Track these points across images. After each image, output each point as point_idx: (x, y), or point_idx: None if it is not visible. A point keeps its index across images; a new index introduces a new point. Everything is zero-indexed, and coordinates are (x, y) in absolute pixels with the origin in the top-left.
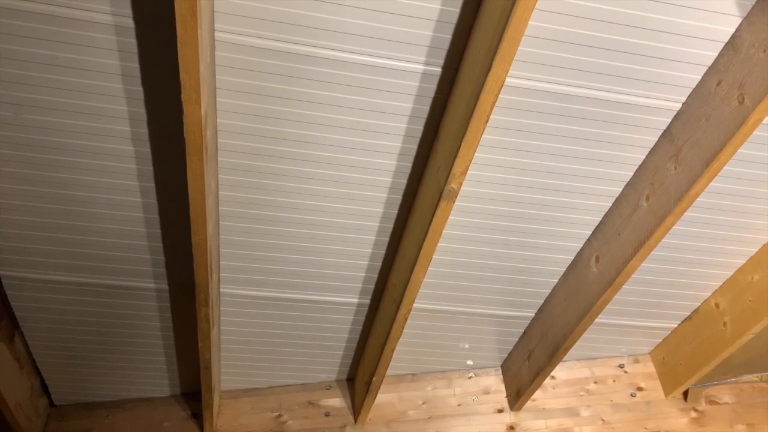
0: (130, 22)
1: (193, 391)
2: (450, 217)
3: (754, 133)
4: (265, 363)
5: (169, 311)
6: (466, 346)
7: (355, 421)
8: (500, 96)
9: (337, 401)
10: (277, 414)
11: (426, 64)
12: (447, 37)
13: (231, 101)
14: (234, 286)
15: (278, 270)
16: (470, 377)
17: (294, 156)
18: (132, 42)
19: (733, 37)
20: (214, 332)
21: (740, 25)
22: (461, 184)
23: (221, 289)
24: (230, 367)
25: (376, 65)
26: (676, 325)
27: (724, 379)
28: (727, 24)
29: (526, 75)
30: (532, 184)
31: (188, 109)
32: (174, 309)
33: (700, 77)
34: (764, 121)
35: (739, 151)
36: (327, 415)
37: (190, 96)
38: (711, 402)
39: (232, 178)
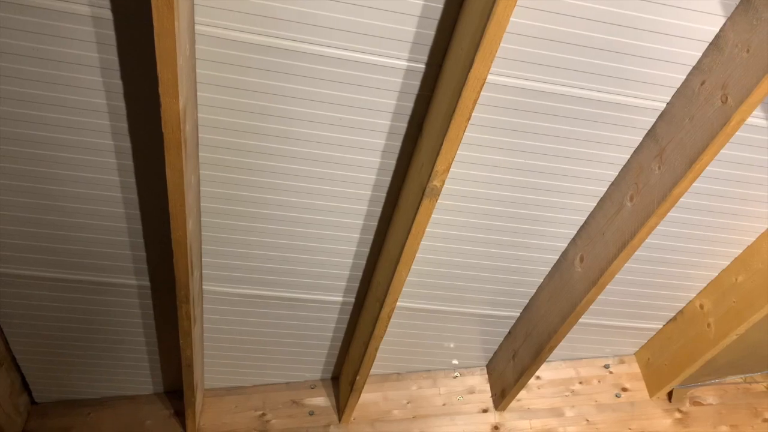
0: (108, 14)
1: (176, 389)
2: (435, 216)
3: (738, 133)
4: (249, 361)
5: (151, 308)
6: (452, 345)
7: (339, 420)
8: (486, 94)
9: (321, 400)
10: (260, 413)
11: (409, 60)
12: (430, 33)
13: (212, 95)
14: (217, 284)
15: (262, 267)
16: (455, 377)
17: (276, 152)
18: (110, 34)
19: (717, 36)
20: (196, 330)
21: (724, 24)
22: (444, 182)
23: (204, 287)
24: (214, 365)
25: (359, 61)
26: (661, 326)
27: (709, 380)
28: (711, 24)
29: (511, 73)
30: (517, 183)
31: (166, 102)
32: (156, 306)
33: (684, 77)
34: (747, 122)
35: (722, 151)
36: (311, 414)
37: (168, 89)
38: (695, 403)
39: (214, 173)
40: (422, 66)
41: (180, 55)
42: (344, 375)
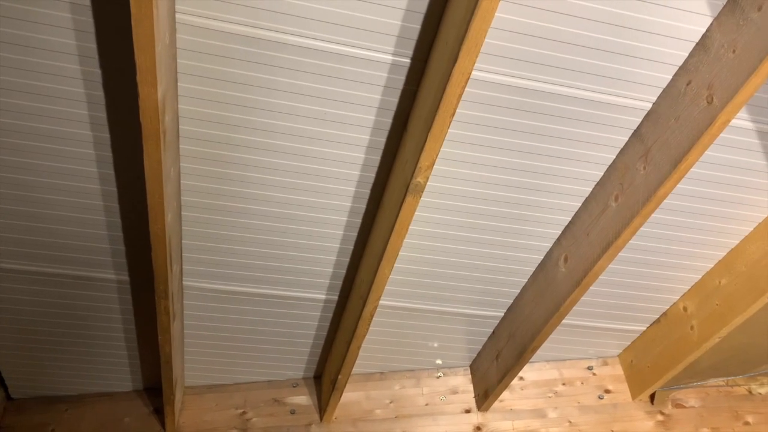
0: (86, 0)
1: (156, 386)
2: (419, 213)
3: (724, 135)
4: (230, 359)
5: (130, 303)
6: (436, 345)
7: (321, 419)
8: (472, 90)
9: (303, 399)
10: (241, 411)
11: (395, 54)
12: (416, 27)
13: (194, 86)
14: (198, 279)
15: (243, 263)
16: (439, 377)
17: (259, 146)
18: (89, 21)
19: (704, 37)
20: (175, 326)
21: (711, 25)
22: (428, 178)
23: (184, 282)
24: (194, 363)
25: (344, 54)
26: (644, 328)
27: (691, 383)
28: (698, 24)
29: (497, 69)
30: (503, 182)
31: (144, 91)
32: (136, 301)
33: (670, 77)
34: (732, 123)
35: (707, 153)
36: (292, 412)
37: (146, 77)
38: (677, 405)
39: (195, 166)
40: (407, 60)
41: (159, 42)
42: (327, 374)
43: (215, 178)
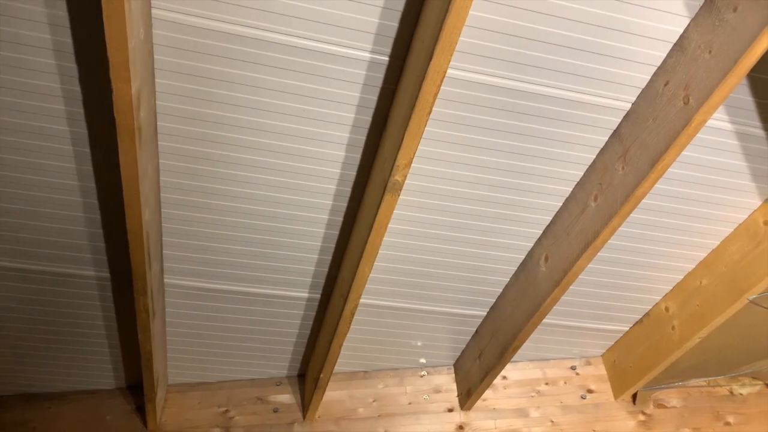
0: None
1: (138, 384)
2: (401, 212)
3: (702, 136)
4: (213, 357)
5: (111, 301)
6: (419, 343)
7: (304, 417)
8: (452, 90)
9: (286, 397)
10: (224, 409)
11: (373, 52)
12: (394, 25)
13: (171, 83)
14: (179, 277)
15: (225, 261)
16: (422, 375)
17: (239, 143)
18: (63, 15)
19: (681, 37)
20: (155, 323)
21: (688, 25)
22: (406, 176)
23: (165, 280)
24: (177, 361)
25: (322, 51)
26: (627, 328)
27: (673, 383)
28: (676, 24)
29: (476, 68)
30: (483, 181)
31: (118, 87)
32: (117, 298)
33: (649, 77)
34: (711, 125)
35: (686, 154)
36: (275, 411)
37: (120, 73)
38: (659, 405)
39: (174, 163)
40: (386, 58)
41: (132, 38)
42: (310, 372)
43: (195, 175)
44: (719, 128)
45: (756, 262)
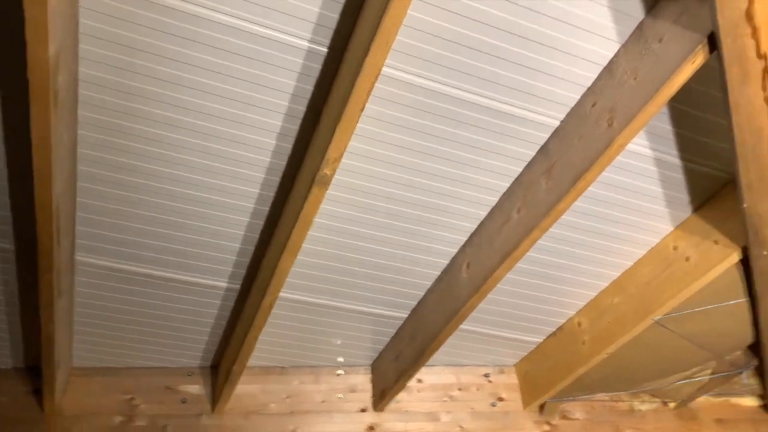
0: None
1: (39, 365)
2: (329, 208)
3: (624, 159)
4: (123, 342)
5: (14, 274)
6: (339, 342)
7: (213, 410)
8: (388, 89)
9: (196, 388)
10: (129, 397)
11: (311, 42)
12: (335, 16)
13: (96, 50)
14: (91, 255)
15: (142, 243)
16: (339, 374)
17: (164, 120)
18: None
19: (611, 61)
20: (61, 302)
21: (618, 51)
22: (335, 170)
23: (77, 257)
24: (84, 343)
25: (259, 34)
26: (541, 340)
27: (578, 396)
28: (608, 48)
29: (415, 71)
30: (413, 184)
31: (33, 46)
32: (20, 273)
33: (579, 97)
34: (633, 149)
35: (609, 176)
36: (184, 401)
37: (36, 32)
38: (564, 417)
39: (94, 135)
40: (324, 49)
41: None
42: (223, 364)
43: (115, 149)
44: (640, 153)
45: (664, 285)
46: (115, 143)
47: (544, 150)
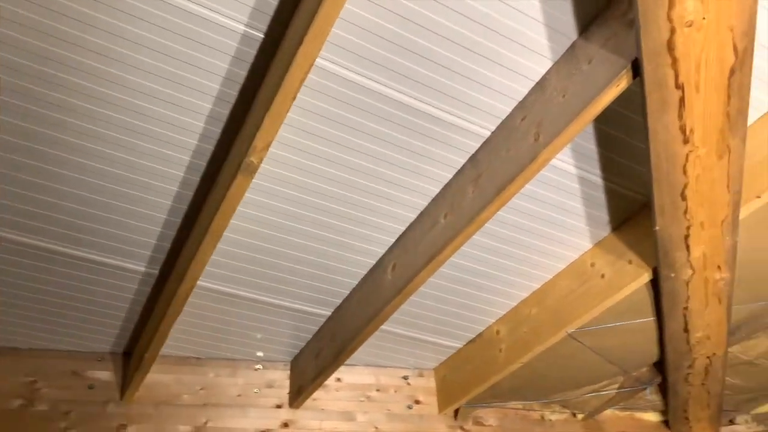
0: None
1: None
2: (256, 197)
3: (548, 174)
4: (27, 321)
5: None
6: (259, 336)
7: (121, 397)
8: (322, 82)
9: (105, 374)
10: (32, 379)
11: (248, 26)
12: (273, 2)
13: (14, 9)
14: (2, 228)
15: (55, 219)
16: (257, 369)
17: (85, 91)
18: None
19: (543, 78)
20: None
21: (550, 68)
22: (262, 159)
23: None
24: None
25: (193, 12)
26: (461, 345)
27: (493, 403)
28: (541, 65)
29: (350, 66)
30: (343, 180)
31: None
32: None
33: (510, 109)
34: (558, 165)
35: (535, 190)
36: (91, 387)
37: None
38: (477, 423)
39: (11, 101)
40: (260, 35)
41: None
42: (136, 351)
43: (31, 117)
44: (564, 170)
45: (580, 299)
46: (31, 110)
47: (473, 159)
